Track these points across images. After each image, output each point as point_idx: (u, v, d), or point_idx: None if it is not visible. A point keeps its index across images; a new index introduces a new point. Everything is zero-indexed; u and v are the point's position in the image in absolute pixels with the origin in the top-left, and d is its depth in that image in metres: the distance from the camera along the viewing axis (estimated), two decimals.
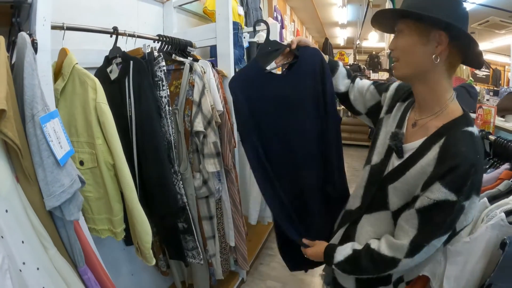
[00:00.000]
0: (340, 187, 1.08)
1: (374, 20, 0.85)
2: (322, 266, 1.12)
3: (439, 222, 0.69)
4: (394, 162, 0.81)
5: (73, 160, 0.88)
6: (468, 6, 3.56)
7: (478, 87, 3.97)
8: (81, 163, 1.01)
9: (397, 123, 0.85)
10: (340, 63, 1.09)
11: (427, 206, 0.68)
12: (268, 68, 1.01)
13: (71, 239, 0.74)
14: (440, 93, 0.76)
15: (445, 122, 0.73)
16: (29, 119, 0.65)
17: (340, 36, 8.96)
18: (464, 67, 7.05)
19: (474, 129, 0.71)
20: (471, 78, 5.30)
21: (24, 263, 0.62)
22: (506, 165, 0.99)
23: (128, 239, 1.16)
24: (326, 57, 1.07)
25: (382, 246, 0.78)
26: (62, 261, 0.72)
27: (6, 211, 0.59)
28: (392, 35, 0.84)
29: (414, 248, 0.72)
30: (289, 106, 1.00)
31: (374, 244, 0.81)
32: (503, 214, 0.75)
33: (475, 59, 0.75)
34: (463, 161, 0.65)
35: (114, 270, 1.52)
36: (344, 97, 1.07)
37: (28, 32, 0.73)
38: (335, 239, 0.98)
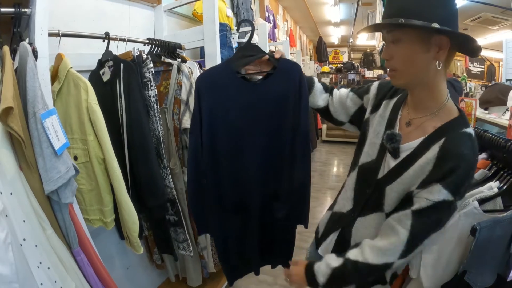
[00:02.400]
0: (294, 213, 1.04)
1: (367, 30, 0.83)
2: None
3: (435, 222, 0.70)
4: (390, 163, 0.79)
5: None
6: (459, 2, 3.48)
7: (472, 83, 4.03)
8: (75, 158, 1.07)
9: (387, 122, 0.83)
10: (316, 79, 1.06)
11: (425, 208, 0.68)
12: (241, 72, 0.98)
13: (66, 222, 0.82)
14: (438, 94, 0.74)
15: (443, 122, 0.73)
16: (31, 116, 0.74)
17: (334, 35, 9.02)
18: (459, 63, 7.02)
19: (471, 130, 0.72)
20: (465, 74, 5.36)
21: (24, 240, 0.69)
22: (483, 155, 1.00)
23: (122, 232, 1.21)
24: None
25: (367, 255, 0.76)
26: (58, 241, 0.79)
27: (11, 193, 0.68)
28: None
29: (409, 249, 0.72)
30: (255, 114, 0.96)
31: (353, 255, 0.78)
32: (476, 202, 0.76)
33: (473, 53, 0.73)
34: (463, 163, 0.66)
35: (110, 263, 1.55)
36: (324, 111, 1.05)
37: (28, 41, 0.80)
38: (327, 243, 0.96)
